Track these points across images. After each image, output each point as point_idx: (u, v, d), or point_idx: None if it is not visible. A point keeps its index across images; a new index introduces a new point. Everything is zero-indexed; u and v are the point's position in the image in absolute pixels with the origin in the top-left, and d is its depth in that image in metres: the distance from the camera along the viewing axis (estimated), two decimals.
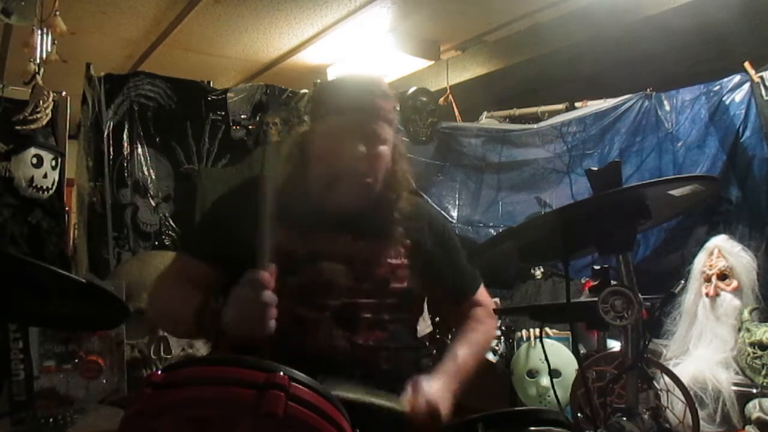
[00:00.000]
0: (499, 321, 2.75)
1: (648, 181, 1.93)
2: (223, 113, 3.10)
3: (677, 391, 1.91)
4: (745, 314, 2.23)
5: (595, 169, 1.35)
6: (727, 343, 2.21)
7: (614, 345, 2.32)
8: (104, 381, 2.07)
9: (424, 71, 3.90)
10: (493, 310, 1.56)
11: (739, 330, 2.21)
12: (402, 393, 1.21)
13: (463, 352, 1.35)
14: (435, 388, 1.20)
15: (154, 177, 2.92)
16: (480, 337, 1.44)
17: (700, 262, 2.38)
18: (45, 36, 2.55)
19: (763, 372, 2.08)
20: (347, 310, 1.26)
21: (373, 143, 1.28)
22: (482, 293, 1.53)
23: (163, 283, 1.40)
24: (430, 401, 1.16)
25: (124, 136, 2.86)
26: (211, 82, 3.23)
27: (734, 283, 2.27)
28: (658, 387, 1.84)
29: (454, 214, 3.41)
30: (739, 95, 2.73)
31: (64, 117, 2.73)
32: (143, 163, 2.90)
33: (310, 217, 1.26)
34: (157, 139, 2.94)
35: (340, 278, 1.26)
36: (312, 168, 1.31)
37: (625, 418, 1.34)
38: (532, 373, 2.58)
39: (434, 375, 1.26)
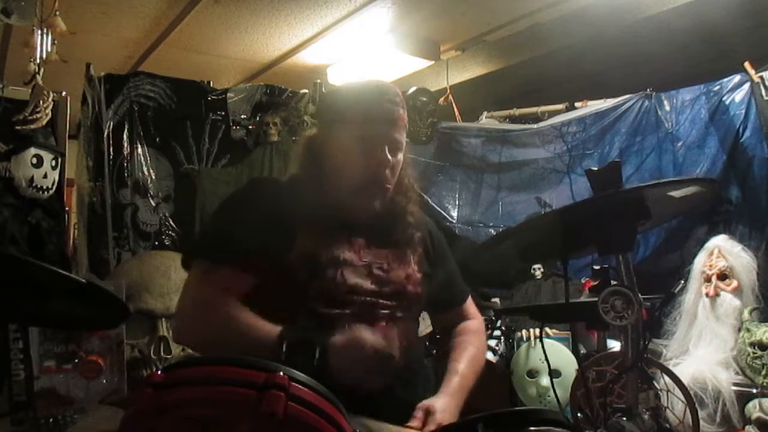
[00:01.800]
0: (499, 321, 2.75)
1: (648, 183, 1.93)
2: (223, 113, 3.10)
3: (677, 391, 1.91)
4: (745, 314, 2.23)
5: (595, 169, 1.35)
6: (727, 343, 2.21)
7: (614, 345, 2.32)
8: (104, 381, 2.06)
9: (424, 71, 3.89)
10: (493, 310, 1.58)
11: (739, 330, 2.21)
12: (407, 389, 1.28)
13: (465, 369, 1.40)
14: (445, 412, 1.25)
15: (154, 177, 2.92)
16: (478, 353, 1.48)
17: (700, 262, 2.38)
18: (45, 36, 2.55)
19: (763, 372, 2.08)
20: (365, 308, 1.30)
21: (394, 153, 1.34)
22: (470, 303, 1.58)
23: (209, 305, 1.26)
24: (441, 426, 1.20)
25: (124, 136, 2.86)
26: (211, 82, 3.23)
27: (734, 283, 2.27)
28: (658, 387, 1.84)
29: (454, 214, 3.41)
30: (739, 95, 2.73)
31: (64, 117, 2.72)
32: (143, 163, 2.90)
33: (328, 222, 1.30)
34: (157, 139, 2.94)
35: (360, 281, 1.30)
36: (330, 174, 1.35)
37: (625, 418, 1.34)
38: (532, 373, 2.58)
39: (442, 395, 1.31)
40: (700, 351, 2.23)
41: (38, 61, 2.54)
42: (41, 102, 2.53)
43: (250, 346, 1.19)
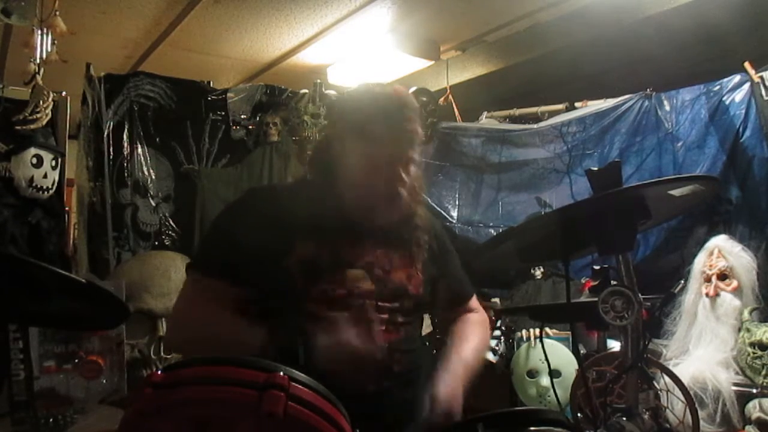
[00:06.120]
0: (499, 321, 2.75)
1: (648, 181, 1.93)
2: (223, 113, 3.11)
3: (677, 391, 1.91)
4: (745, 314, 2.23)
5: (595, 169, 1.35)
6: (727, 343, 2.21)
7: (614, 345, 2.32)
8: (104, 381, 2.06)
9: (424, 71, 3.89)
10: (493, 310, 1.58)
11: (739, 330, 2.21)
12: (409, 391, 1.28)
13: (467, 354, 1.39)
14: (451, 392, 1.26)
15: (154, 177, 2.92)
16: (479, 340, 1.48)
17: (700, 262, 2.38)
18: (45, 36, 2.55)
19: (763, 372, 2.08)
20: (364, 309, 1.28)
21: (408, 171, 1.32)
22: (475, 301, 1.58)
23: (195, 312, 1.29)
24: (448, 407, 1.22)
25: (124, 136, 2.86)
26: (211, 82, 3.23)
27: (734, 283, 2.27)
28: (658, 387, 1.84)
29: (454, 214, 3.41)
30: (739, 95, 2.73)
31: (64, 117, 2.73)
32: (143, 163, 2.90)
33: (333, 226, 1.29)
34: (157, 139, 2.95)
35: (362, 284, 1.29)
36: (342, 183, 1.32)
37: (625, 418, 1.34)
38: (532, 373, 2.58)
39: (446, 375, 1.30)
40: (700, 351, 2.23)
41: (38, 61, 2.54)
42: (41, 102, 2.53)
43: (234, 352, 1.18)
